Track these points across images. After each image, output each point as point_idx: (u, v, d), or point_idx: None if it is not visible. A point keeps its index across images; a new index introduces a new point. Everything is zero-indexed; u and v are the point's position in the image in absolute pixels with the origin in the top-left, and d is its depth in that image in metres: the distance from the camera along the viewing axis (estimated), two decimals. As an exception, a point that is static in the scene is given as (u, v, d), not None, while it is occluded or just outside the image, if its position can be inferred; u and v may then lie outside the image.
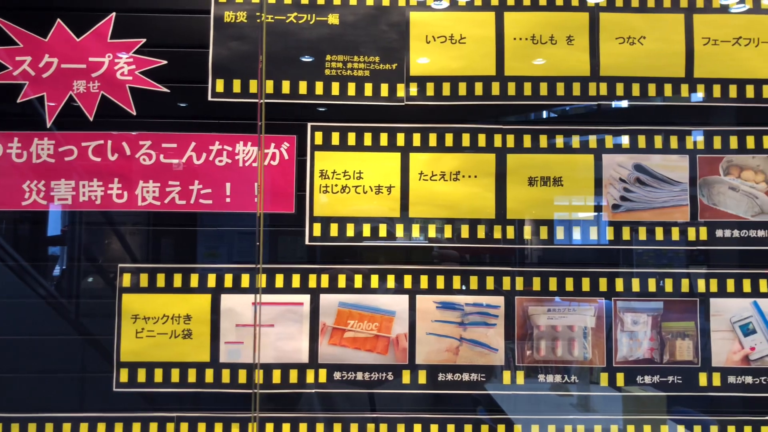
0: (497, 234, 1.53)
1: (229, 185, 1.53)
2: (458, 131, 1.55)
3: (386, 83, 1.55)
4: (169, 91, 1.53)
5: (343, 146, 1.54)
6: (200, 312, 1.50)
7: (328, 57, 1.55)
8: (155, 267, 1.51)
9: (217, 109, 1.53)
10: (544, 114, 1.56)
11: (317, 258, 1.52)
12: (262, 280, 1.49)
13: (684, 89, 1.55)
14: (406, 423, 1.49)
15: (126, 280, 1.50)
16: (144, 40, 1.53)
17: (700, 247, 1.53)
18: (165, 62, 1.53)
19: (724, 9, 1.56)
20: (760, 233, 1.53)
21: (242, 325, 1.49)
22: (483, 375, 1.50)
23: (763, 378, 1.51)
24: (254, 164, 1.53)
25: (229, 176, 1.53)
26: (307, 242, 1.52)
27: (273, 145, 1.54)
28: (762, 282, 1.53)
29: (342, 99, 1.54)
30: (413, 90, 1.55)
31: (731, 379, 1.51)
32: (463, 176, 1.54)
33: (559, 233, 1.53)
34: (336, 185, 1.52)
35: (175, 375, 1.49)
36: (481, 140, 1.55)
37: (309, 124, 1.54)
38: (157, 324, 1.49)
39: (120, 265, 1.51)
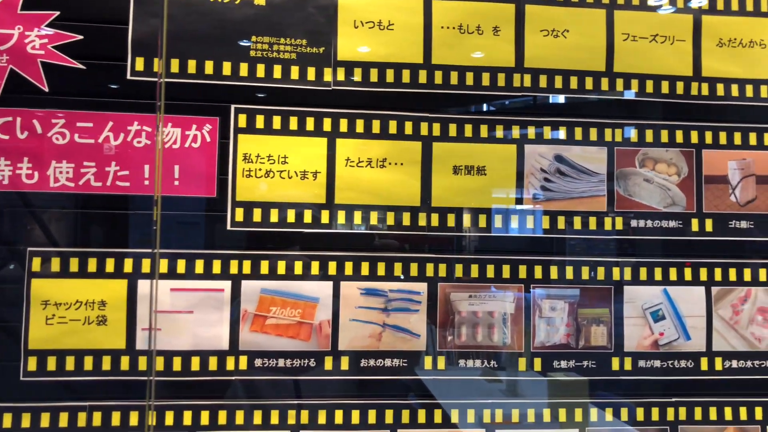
0: (422, 221, 1.54)
1: (149, 168, 1.48)
2: (385, 118, 1.55)
3: (313, 67, 1.53)
4: (85, 67, 1.46)
5: (268, 130, 1.51)
6: (116, 298, 1.45)
7: (254, 38, 1.51)
8: (68, 251, 1.45)
9: (136, 88, 1.47)
10: (471, 104, 1.58)
11: (239, 244, 1.49)
12: (161, 266, 1.45)
13: (604, 83, 1.59)
14: (328, 409, 1.48)
15: (36, 264, 1.43)
16: (58, 13, 1.46)
17: (615, 236, 1.59)
18: (81, 37, 1.46)
19: (643, 6, 1.61)
20: (672, 224, 1.60)
21: (161, 312, 1.45)
22: (405, 360, 1.51)
23: (670, 362, 1.58)
24: (174, 146, 1.49)
25: (149, 158, 1.48)
26: (229, 227, 1.49)
27: (194, 126, 1.50)
28: (672, 270, 1.60)
29: (267, 81, 1.51)
30: (340, 75, 1.53)
31: (642, 363, 1.58)
32: (390, 163, 1.54)
33: (482, 221, 1.56)
34: (260, 170, 1.50)
35: (88, 363, 1.43)
36: (408, 128, 1.55)
37: (232, 106, 1.51)
38: (69, 310, 1.44)
39: (29, 248, 1.44)
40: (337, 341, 1.50)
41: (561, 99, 1.59)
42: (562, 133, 1.59)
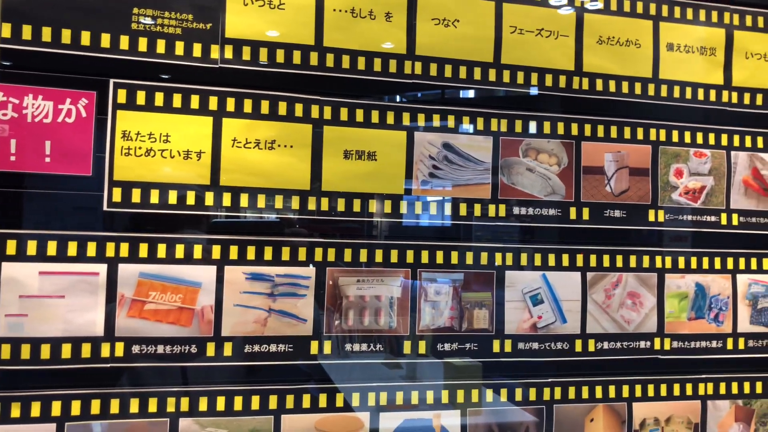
0: (311, 206, 1.53)
1: (15, 142, 1.37)
2: (275, 99, 1.52)
3: (199, 43, 1.47)
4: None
5: (150, 107, 1.44)
6: (-24, 282, 1.34)
7: (136, 10, 1.44)
8: None
9: (3, 56, 1.37)
10: (363, 89, 1.57)
11: (116, 225, 1.42)
12: (29, 248, 1.36)
13: (492, 73, 1.63)
14: (209, 396, 1.45)
15: None
16: None
17: (498, 223, 1.64)
18: (-63, -3, 1.34)
19: (531, 0, 1.66)
20: (551, 212, 1.67)
21: (27, 297, 1.36)
22: (291, 346, 1.50)
23: (547, 344, 1.66)
24: (46, 120, 1.39)
25: (16, 132, 1.38)
26: (105, 208, 1.41)
27: (69, 100, 1.41)
28: (551, 256, 1.67)
29: (150, 56, 1.44)
30: (228, 53, 1.49)
31: (521, 345, 1.64)
32: (279, 145, 1.52)
33: (371, 207, 1.56)
34: (140, 148, 1.43)
35: (-57, 352, 1.33)
36: (298, 110, 1.53)
37: (111, 81, 1.43)
38: None
39: None
40: (220, 327, 1.46)
41: (449, 87, 1.62)
42: (450, 121, 1.62)
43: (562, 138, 1.69)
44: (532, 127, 1.67)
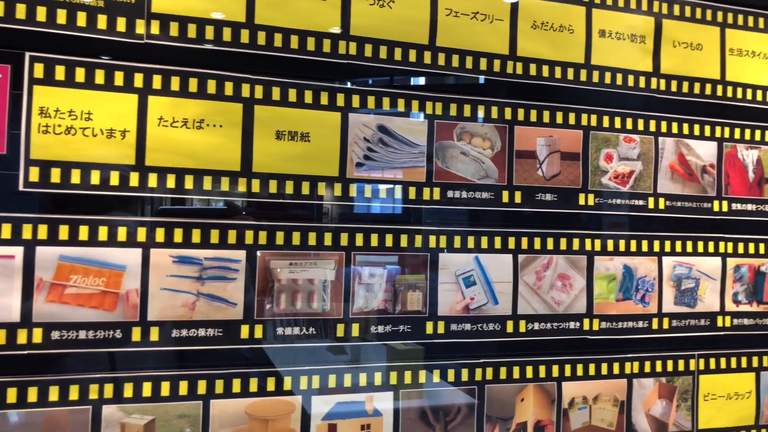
0: (242, 187, 1.50)
1: None
2: (203, 77, 1.47)
3: (123, 18, 1.41)
4: None
5: (70, 83, 1.38)
6: None
7: (54, -21, 1.37)
8: None
9: None
10: (296, 68, 1.54)
11: (35, 206, 1.36)
12: None
13: (427, 56, 1.63)
14: (135, 382, 1.41)
15: None
16: None
17: (433, 206, 1.64)
18: None
19: (466, -16, 1.66)
20: (484, 195, 1.69)
21: (-65, 281, 1.29)
22: (221, 330, 1.47)
23: (479, 325, 1.68)
24: (-46, 95, 1.31)
25: None
26: (21, 188, 1.35)
27: (-20, 74, 1.33)
28: (483, 239, 1.69)
29: (70, 29, 1.38)
30: (155, 28, 1.43)
31: (454, 326, 1.66)
32: (208, 125, 1.47)
33: (305, 189, 1.54)
34: (59, 125, 1.37)
35: None
36: (228, 88, 1.49)
37: (27, 54, 1.36)
38: None
39: None
40: (146, 311, 1.42)
41: (385, 69, 1.60)
42: (385, 103, 1.60)
43: (495, 122, 1.70)
44: (467, 110, 1.67)
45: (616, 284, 1.80)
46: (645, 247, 1.84)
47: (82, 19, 1.38)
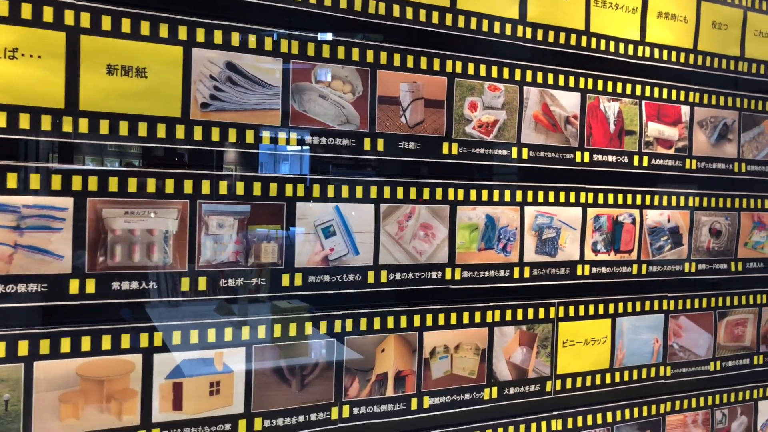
0: (67, 127, 1.34)
1: None
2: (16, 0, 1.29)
3: None
4: None
5: None
6: None
7: None
8: None
9: None
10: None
11: None
12: None
13: (282, -10, 1.51)
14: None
15: None
16: None
17: (290, 153, 1.55)
18: None
19: None
20: (345, 142, 1.61)
21: None
22: (45, 285, 1.33)
23: (339, 276, 1.62)
24: None
25: None
26: None
27: None
28: (344, 188, 1.62)
29: None
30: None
31: (312, 278, 1.59)
32: (23, 55, 1.30)
33: (142, 130, 1.40)
34: None
35: None
36: (48, 14, 1.31)
37: None
38: None
39: None
40: (-50, 265, 1.25)
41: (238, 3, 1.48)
42: (234, 39, 1.48)
43: (357, 65, 1.61)
44: (326, 51, 1.58)
45: (478, 234, 1.79)
46: (507, 197, 1.84)
47: None
